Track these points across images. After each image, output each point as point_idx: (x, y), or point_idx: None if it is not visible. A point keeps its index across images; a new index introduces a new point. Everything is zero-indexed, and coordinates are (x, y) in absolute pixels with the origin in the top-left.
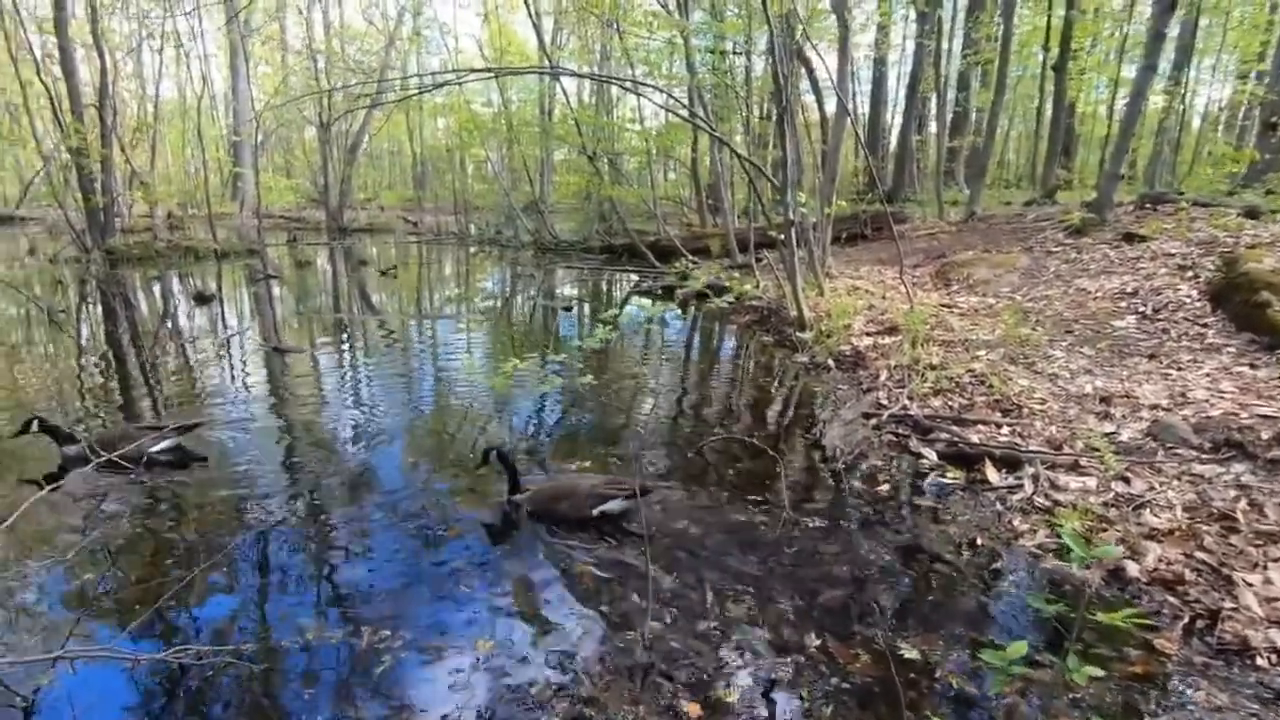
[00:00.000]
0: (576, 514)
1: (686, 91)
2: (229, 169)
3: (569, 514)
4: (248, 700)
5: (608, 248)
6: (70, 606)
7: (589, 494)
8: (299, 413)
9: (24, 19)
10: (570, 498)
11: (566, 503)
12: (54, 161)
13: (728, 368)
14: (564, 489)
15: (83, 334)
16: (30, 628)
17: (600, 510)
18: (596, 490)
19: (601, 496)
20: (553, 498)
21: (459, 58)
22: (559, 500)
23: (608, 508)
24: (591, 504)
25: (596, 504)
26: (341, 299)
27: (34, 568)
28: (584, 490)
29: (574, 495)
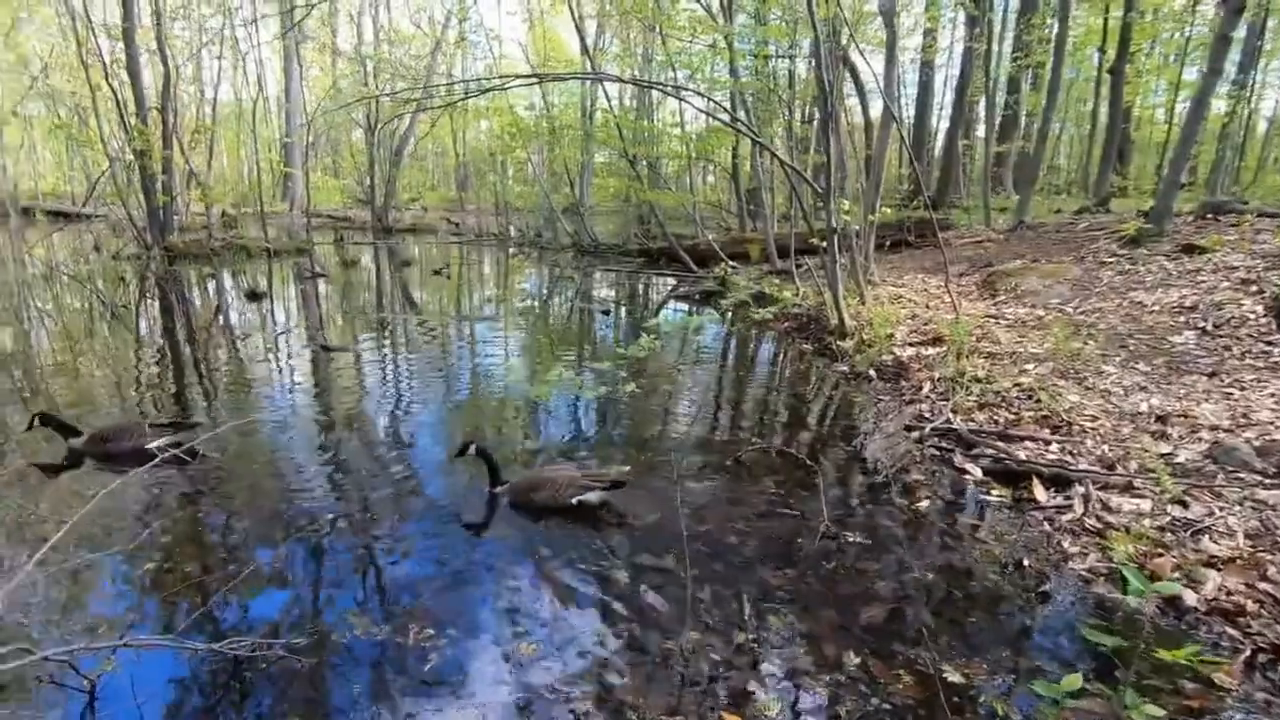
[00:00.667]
0: (555, 504)
1: (728, 95)
2: (280, 169)
3: (548, 504)
4: (298, 694)
5: (645, 251)
6: (131, 595)
7: (568, 485)
8: (344, 410)
9: (94, 27)
10: (549, 488)
11: (546, 493)
12: (119, 162)
13: (766, 375)
14: (543, 480)
15: (141, 328)
16: (95, 614)
17: (579, 500)
18: (575, 481)
19: (581, 487)
20: (533, 488)
21: (503, 63)
22: (539, 491)
23: (586, 498)
24: (570, 494)
25: (576, 494)
26: (385, 298)
27: (98, 557)
28: (562, 481)
29: (553, 486)
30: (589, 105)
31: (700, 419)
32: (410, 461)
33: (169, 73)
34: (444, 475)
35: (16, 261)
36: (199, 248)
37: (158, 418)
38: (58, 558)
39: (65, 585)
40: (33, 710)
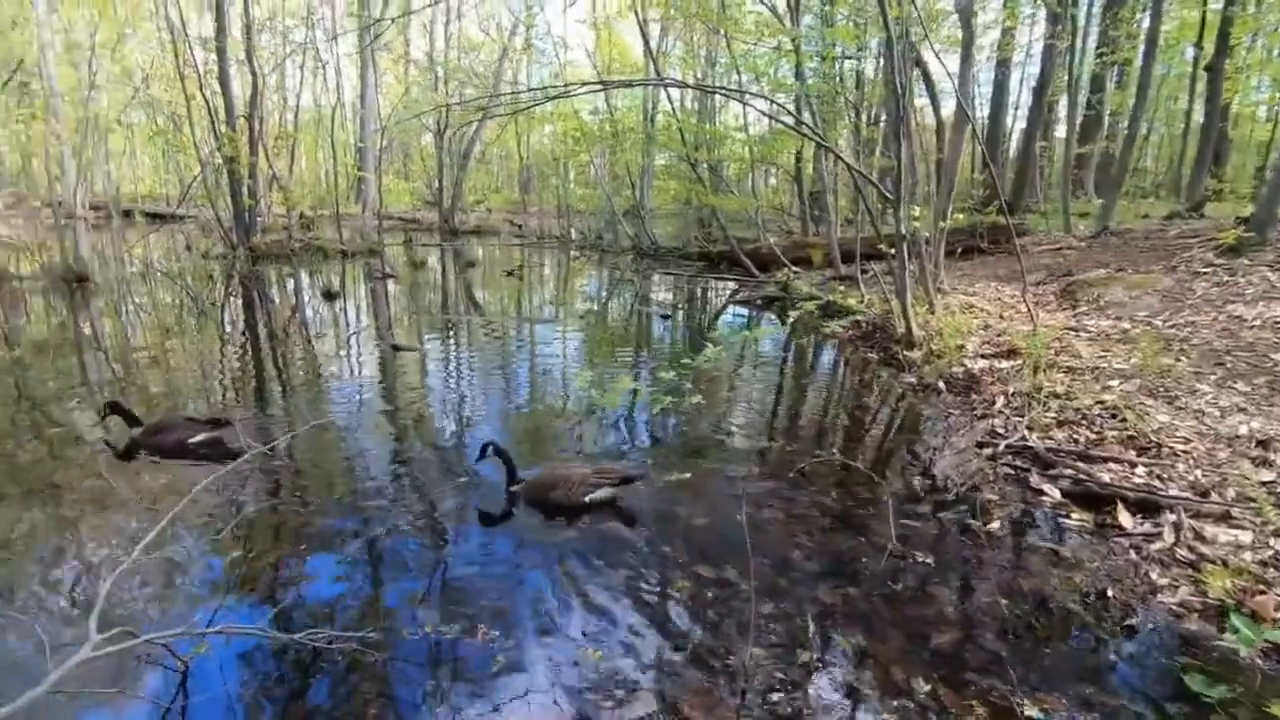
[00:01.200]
0: (569, 501)
1: (792, 98)
2: (354, 173)
3: (562, 501)
4: (370, 686)
5: (706, 254)
6: (218, 584)
7: (581, 482)
8: (412, 410)
9: (190, 40)
10: (564, 486)
11: (560, 491)
12: (209, 167)
13: (829, 384)
14: (557, 478)
15: (226, 323)
16: (187, 601)
17: (591, 498)
18: (588, 479)
19: (593, 485)
20: (548, 486)
21: (568, 68)
22: (553, 489)
23: (598, 495)
24: (583, 492)
25: (588, 492)
26: (451, 299)
27: (188, 546)
28: (576, 479)
29: (567, 484)
30: (651, 108)
31: (762, 428)
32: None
33: (256, 82)
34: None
35: (117, 260)
36: (279, 248)
37: (199, 414)
38: (148, 546)
39: (161, 572)
40: (135, 688)
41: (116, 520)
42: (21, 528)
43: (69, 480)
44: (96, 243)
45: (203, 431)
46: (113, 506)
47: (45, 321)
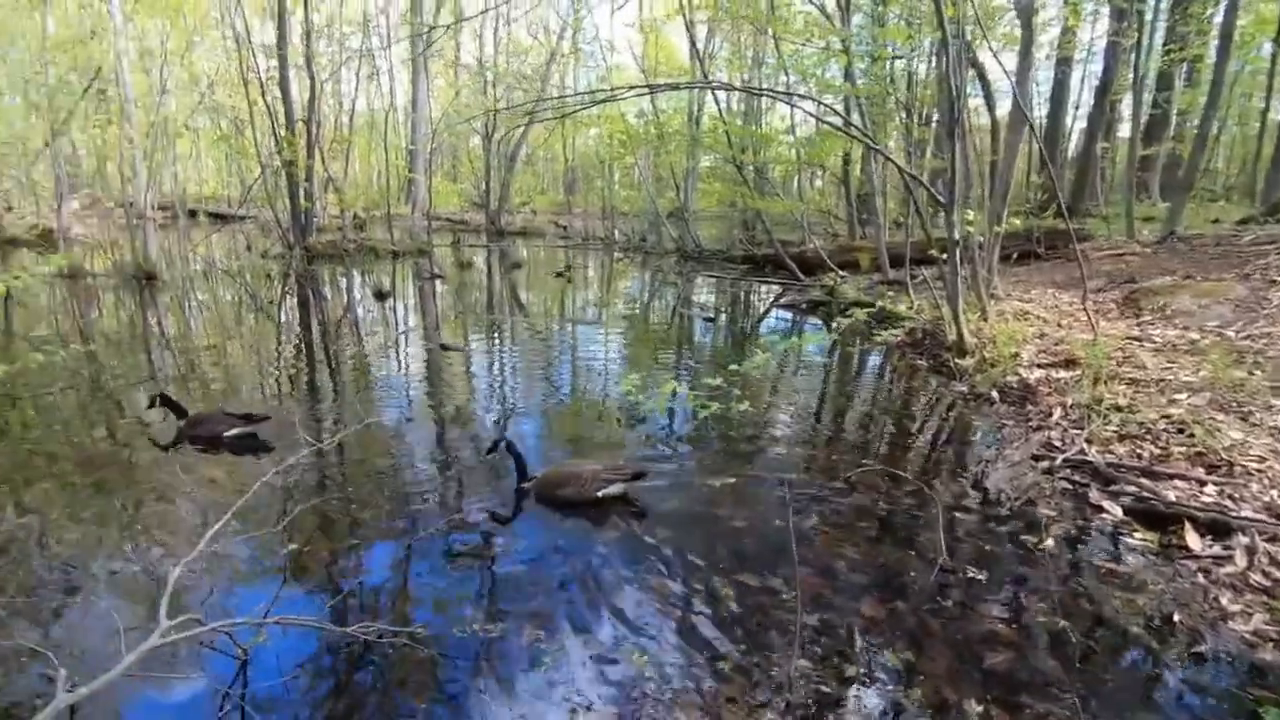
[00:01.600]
0: (581, 497)
1: (840, 99)
2: (405, 175)
3: (574, 498)
4: (419, 681)
5: (750, 257)
6: (276, 575)
7: (592, 479)
8: (459, 408)
9: (254, 47)
10: (575, 483)
11: (572, 488)
12: (269, 169)
13: (876, 392)
14: (568, 475)
15: (282, 320)
16: (248, 591)
17: (603, 493)
18: (599, 475)
19: (604, 481)
20: (559, 484)
21: (615, 71)
22: (565, 485)
23: (609, 491)
24: (595, 488)
25: (600, 488)
26: (496, 299)
27: (247, 538)
28: (587, 475)
29: (578, 481)
30: (696, 110)
31: (808, 435)
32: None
33: (314, 87)
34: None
35: (182, 258)
36: (334, 248)
37: (236, 408)
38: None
39: (222, 562)
40: (198, 673)
41: (181, 510)
42: (95, 516)
43: (137, 470)
44: (164, 242)
45: (238, 426)
46: (178, 497)
47: (116, 316)
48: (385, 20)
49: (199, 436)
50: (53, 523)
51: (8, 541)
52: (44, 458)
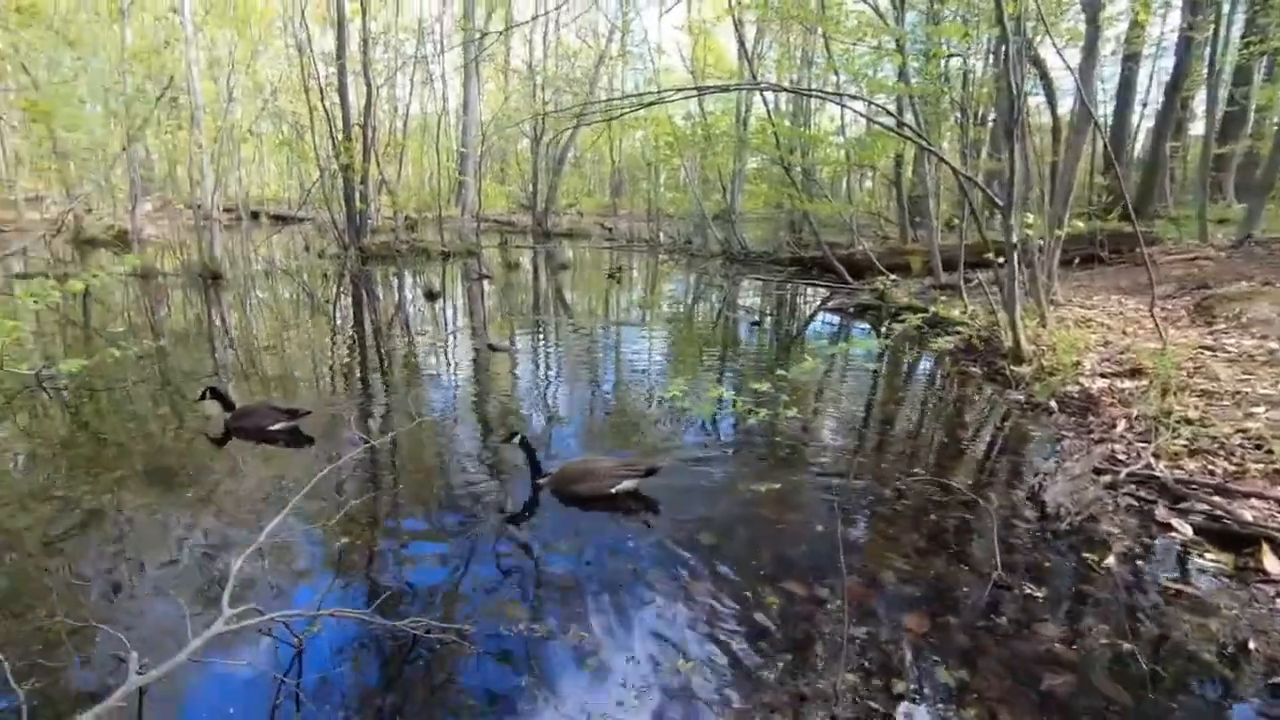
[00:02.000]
0: (596, 493)
1: (892, 99)
2: (455, 177)
3: (588, 494)
4: (464, 677)
5: (797, 260)
6: (329, 568)
7: (607, 474)
8: (508, 406)
9: (315, 55)
10: (590, 479)
11: (588, 484)
12: (326, 172)
13: (927, 399)
14: (583, 471)
15: (337, 318)
16: (303, 582)
17: (617, 489)
18: (613, 471)
19: (618, 476)
20: (575, 479)
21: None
22: (580, 482)
23: (623, 486)
24: (609, 484)
25: (614, 484)
26: (542, 300)
27: (302, 531)
28: (602, 471)
29: (594, 476)
30: (744, 111)
31: (856, 442)
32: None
33: (370, 93)
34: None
35: (245, 258)
36: (386, 249)
37: (282, 402)
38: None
39: (278, 554)
40: (256, 661)
41: (240, 500)
42: (160, 504)
43: (199, 461)
44: (228, 242)
45: (283, 420)
46: (236, 488)
47: (183, 313)
48: (439, 27)
49: (245, 429)
50: (122, 510)
51: (81, 526)
52: (115, 448)
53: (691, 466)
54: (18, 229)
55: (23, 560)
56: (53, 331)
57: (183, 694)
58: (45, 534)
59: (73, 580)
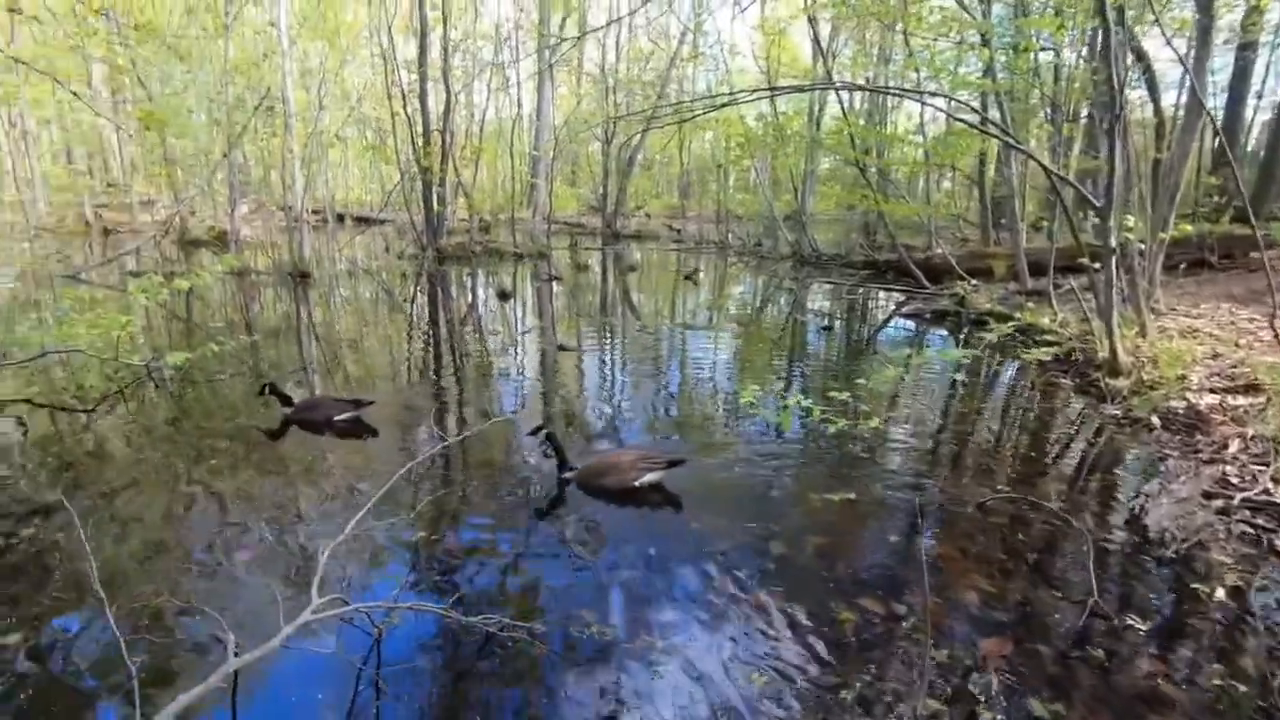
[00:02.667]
0: (621, 486)
1: (975, 95)
2: (527, 180)
3: (614, 486)
4: (533, 676)
5: (871, 263)
6: (408, 560)
7: (631, 467)
8: (578, 406)
9: (399, 63)
10: (615, 472)
11: (613, 477)
12: (407, 176)
13: (1013, 411)
14: (608, 464)
15: (415, 316)
16: (384, 573)
17: (641, 481)
18: (637, 464)
19: (643, 469)
20: (600, 473)
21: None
22: (606, 475)
23: (647, 479)
24: (634, 476)
25: (639, 476)
26: (612, 302)
27: (383, 525)
28: (626, 464)
29: (619, 469)
30: (817, 111)
31: (936, 455)
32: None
33: (449, 99)
34: (669, 486)
35: (330, 258)
36: (462, 250)
37: (344, 394)
38: (358, 522)
39: (360, 546)
40: (338, 649)
41: (325, 491)
42: (254, 493)
43: (290, 454)
44: (315, 243)
45: (346, 410)
46: (323, 479)
47: (274, 310)
48: (516, 33)
49: (311, 420)
50: (219, 496)
51: (185, 510)
52: (212, 437)
53: (762, 474)
54: (131, 230)
55: (135, 540)
56: (159, 325)
57: (269, 677)
58: (154, 516)
59: (176, 561)
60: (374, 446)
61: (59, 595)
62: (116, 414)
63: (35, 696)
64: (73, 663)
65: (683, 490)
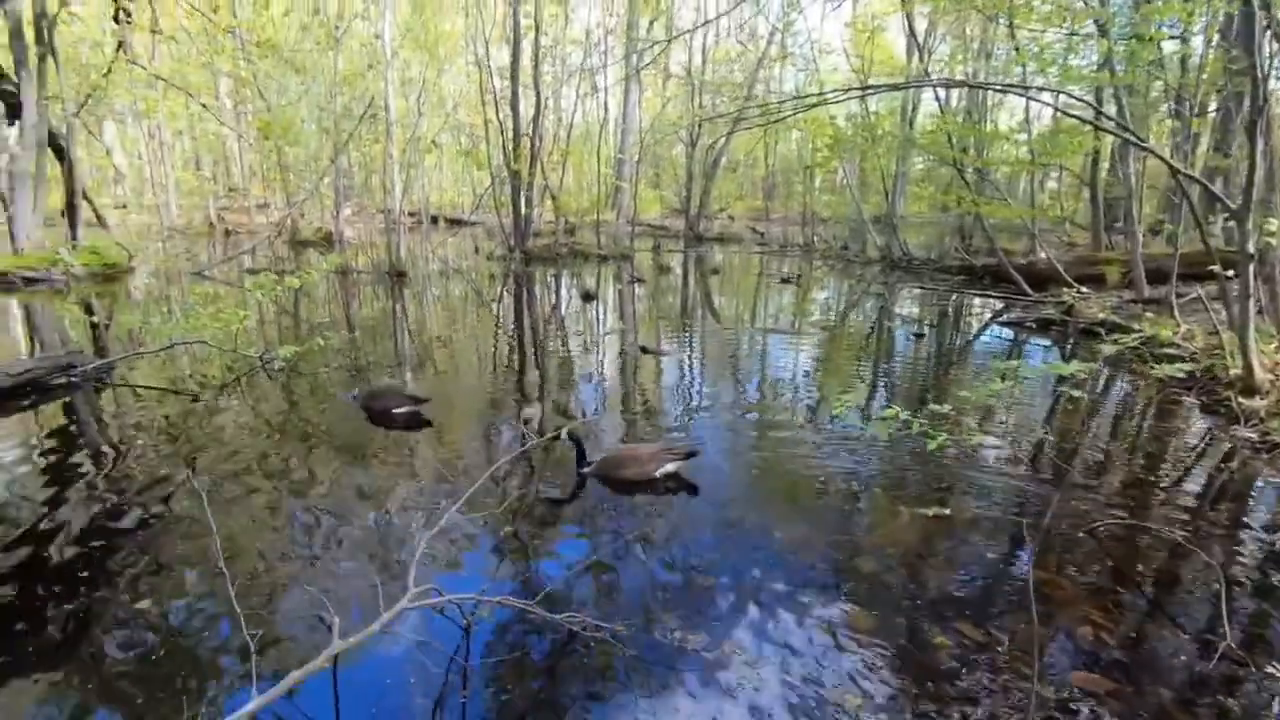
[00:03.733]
0: (641, 477)
1: (1088, 89)
2: (611, 183)
3: (635, 478)
4: (614, 677)
5: (966, 267)
6: (495, 554)
7: (650, 459)
8: (662, 410)
9: (492, 70)
10: (635, 464)
11: (633, 469)
12: (497, 179)
13: (1129, 430)
14: (627, 456)
15: (501, 315)
16: (473, 566)
17: (661, 472)
18: (657, 455)
19: (662, 460)
20: (620, 465)
21: (825, 73)
22: (625, 467)
23: (666, 469)
24: (654, 468)
25: (658, 467)
26: (695, 305)
27: (471, 519)
28: (645, 455)
29: (638, 461)
30: (910, 109)
31: (1042, 473)
32: (729, 476)
33: (539, 104)
34: (749, 491)
35: (424, 259)
36: (548, 252)
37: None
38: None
39: (449, 539)
40: (430, 637)
41: (419, 485)
42: (354, 480)
43: (384, 445)
44: (410, 244)
45: (405, 405)
46: (416, 472)
47: (372, 307)
48: (605, 38)
49: (374, 410)
50: (322, 481)
51: (293, 494)
52: (317, 425)
53: (849, 485)
54: (249, 231)
55: (248, 518)
56: (270, 320)
57: (365, 658)
58: (264, 497)
59: (284, 542)
60: (462, 442)
61: (184, 566)
62: (233, 401)
63: (161, 660)
64: (194, 631)
65: (767, 501)
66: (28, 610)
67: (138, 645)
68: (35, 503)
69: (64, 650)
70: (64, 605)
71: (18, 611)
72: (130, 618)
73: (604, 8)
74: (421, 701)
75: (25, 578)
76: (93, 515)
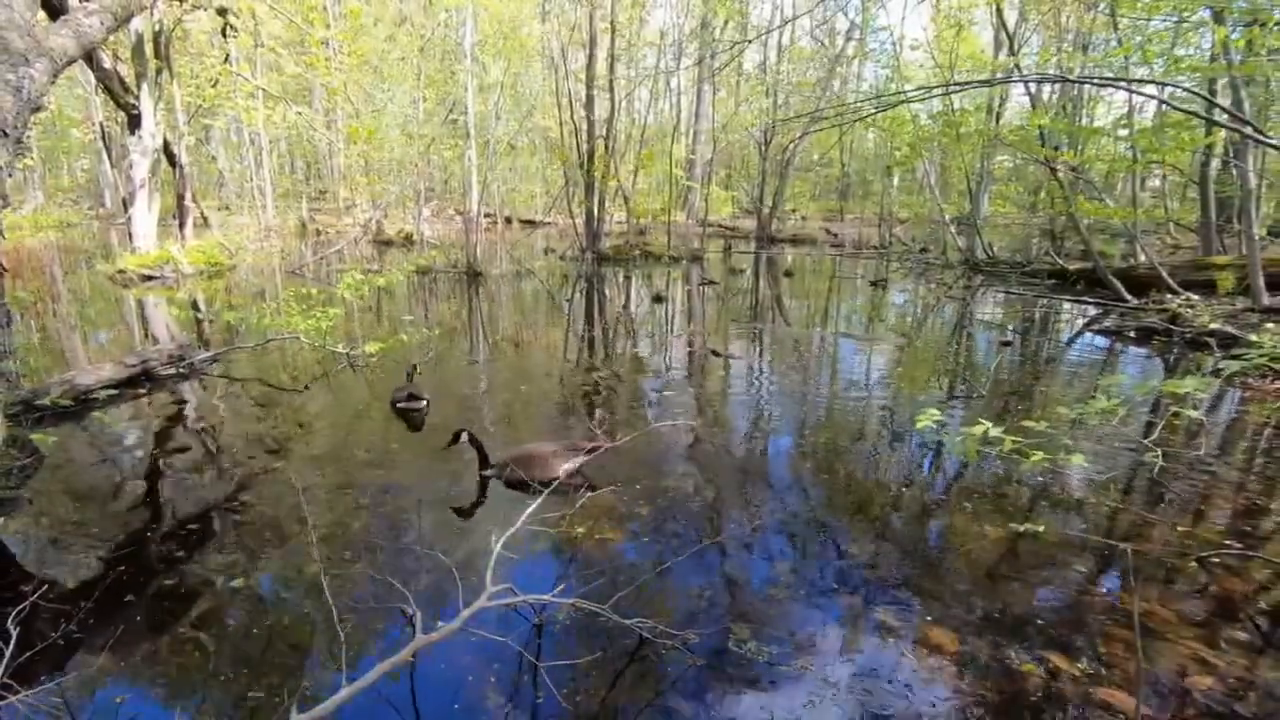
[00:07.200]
0: (546, 477)
1: (1199, 81)
2: (682, 184)
3: (540, 477)
4: (683, 687)
5: (1057, 271)
6: (562, 560)
7: (553, 456)
8: (735, 415)
9: (569, 73)
10: (539, 465)
11: (537, 470)
12: (571, 181)
13: (1242, 452)
14: (531, 457)
15: (572, 315)
16: (541, 569)
17: (565, 469)
18: (559, 453)
19: (562, 459)
20: (523, 466)
21: (906, 69)
22: (529, 468)
23: (569, 466)
24: (559, 464)
25: (561, 464)
26: (767, 308)
27: (545, 519)
28: (548, 454)
29: (542, 461)
30: (996, 105)
31: (1149, 497)
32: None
33: (613, 107)
34: (825, 501)
35: (499, 259)
36: (619, 253)
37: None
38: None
39: (522, 540)
40: (503, 634)
41: (498, 485)
42: (432, 479)
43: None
44: (486, 244)
45: (402, 400)
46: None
47: (449, 304)
48: (680, 39)
49: (394, 400)
50: (401, 476)
51: (379, 490)
52: (400, 420)
53: (927, 498)
54: (337, 232)
55: (336, 509)
56: (356, 316)
57: (442, 653)
58: (350, 490)
59: (369, 534)
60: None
61: (276, 551)
62: (322, 394)
63: (255, 638)
64: (286, 614)
65: (843, 512)
66: (134, 583)
67: (232, 623)
68: (145, 483)
69: (166, 623)
70: (164, 580)
71: (125, 583)
72: (228, 596)
73: (680, 8)
74: (494, 697)
75: (133, 553)
76: (196, 497)
